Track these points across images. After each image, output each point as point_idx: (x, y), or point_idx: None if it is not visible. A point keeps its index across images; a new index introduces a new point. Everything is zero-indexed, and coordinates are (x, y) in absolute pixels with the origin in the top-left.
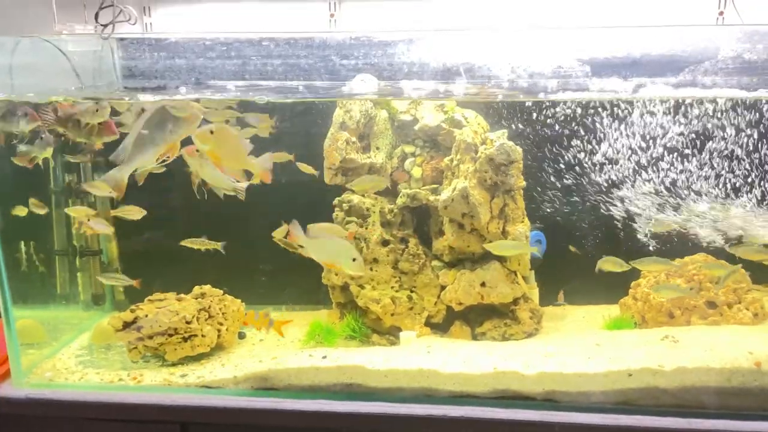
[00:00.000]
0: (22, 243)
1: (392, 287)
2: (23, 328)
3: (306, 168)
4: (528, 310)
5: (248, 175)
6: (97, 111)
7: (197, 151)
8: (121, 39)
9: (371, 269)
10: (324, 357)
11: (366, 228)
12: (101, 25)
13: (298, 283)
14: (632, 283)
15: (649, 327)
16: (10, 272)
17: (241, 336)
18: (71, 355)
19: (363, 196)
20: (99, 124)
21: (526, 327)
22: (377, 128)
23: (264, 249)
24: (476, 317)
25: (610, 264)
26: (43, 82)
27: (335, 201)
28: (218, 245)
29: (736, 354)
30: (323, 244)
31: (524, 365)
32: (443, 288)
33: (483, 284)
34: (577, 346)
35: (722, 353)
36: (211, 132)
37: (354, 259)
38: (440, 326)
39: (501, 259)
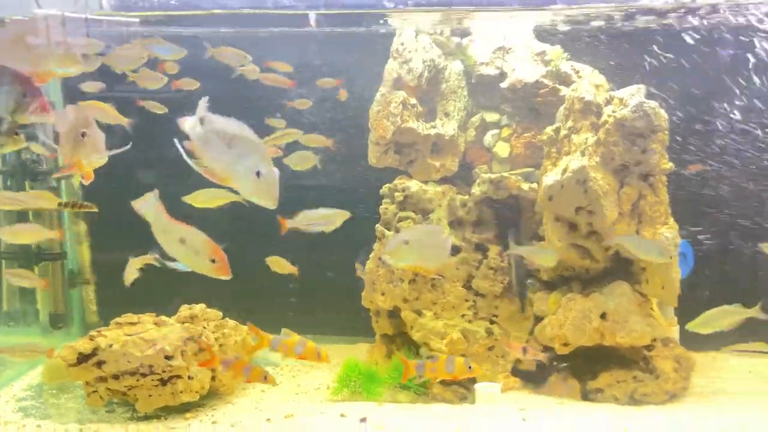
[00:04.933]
0: None
1: (463, 315)
2: None
3: (316, 140)
4: (671, 359)
5: None
6: None
7: None
8: None
9: (433, 287)
10: (363, 420)
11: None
12: None
13: (332, 305)
14: None
15: None
16: None
17: None
18: (11, 398)
19: (425, 183)
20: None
21: (668, 385)
22: (447, 86)
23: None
24: (587, 365)
25: None
26: None
27: (384, 189)
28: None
29: None
30: (178, 231)
31: None
32: (539, 319)
33: (603, 316)
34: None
35: None
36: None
37: (213, 261)
38: (532, 375)
39: (632, 279)
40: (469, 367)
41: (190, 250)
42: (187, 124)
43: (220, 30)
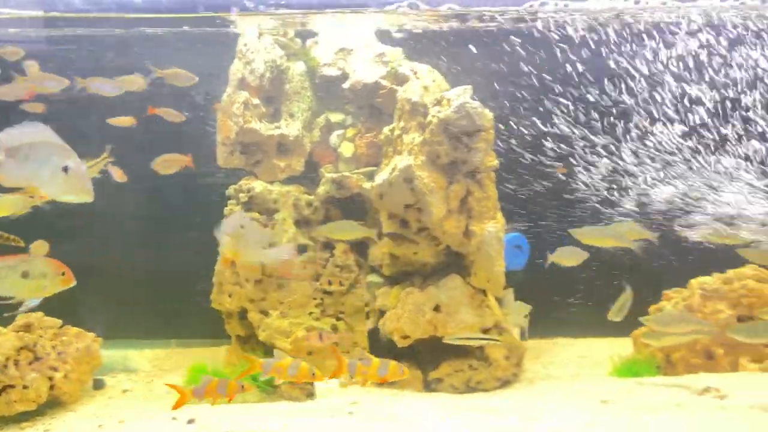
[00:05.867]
0: None
1: (311, 314)
2: None
3: (175, 160)
4: (503, 347)
5: None
6: None
7: None
8: None
9: (279, 287)
10: (191, 421)
11: (273, 227)
12: None
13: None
14: (651, 308)
15: (678, 372)
16: None
17: (98, 385)
18: None
19: (271, 183)
20: None
21: (499, 372)
22: (291, 87)
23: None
24: (430, 356)
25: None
26: None
27: (230, 190)
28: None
29: None
30: (17, 267)
31: None
32: (384, 314)
33: (437, 308)
34: (576, 404)
35: None
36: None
37: (63, 274)
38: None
39: (465, 272)
40: (313, 374)
41: (36, 277)
42: None
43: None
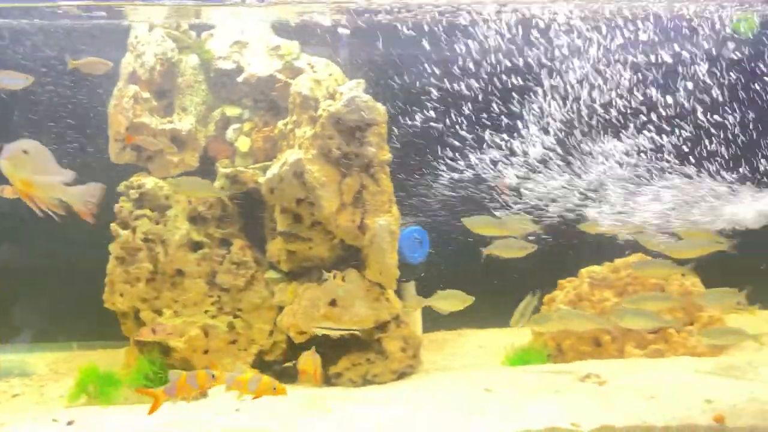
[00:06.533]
0: None
1: (207, 311)
2: None
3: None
4: (399, 339)
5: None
6: None
7: None
8: None
9: (173, 285)
10: (70, 423)
11: (165, 225)
12: None
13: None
14: (545, 298)
15: (567, 360)
16: None
17: None
18: None
19: (164, 179)
20: None
21: (395, 364)
22: (183, 80)
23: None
24: (331, 351)
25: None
26: None
27: (120, 186)
28: None
29: (687, 403)
30: None
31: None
32: (282, 310)
33: (333, 303)
34: (460, 394)
35: (668, 402)
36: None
37: None
38: (279, 365)
39: (361, 267)
40: (213, 376)
41: None
42: None
43: None
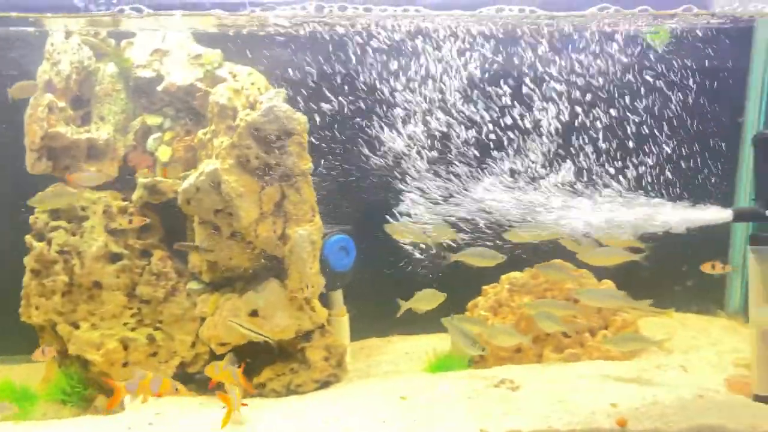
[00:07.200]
0: None
1: (126, 324)
2: None
3: None
4: (323, 349)
5: None
6: None
7: None
8: None
9: (90, 298)
10: None
11: (81, 236)
12: None
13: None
14: (469, 304)
15: (488, 365)
16: None
17: None
18: None
19: (80, 190)
20: None
21: (317, 374)
22: (101, 89)
23: None
24: (255, 362)
25: None
26: None
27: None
28: None
29: (592, 407)
30: None
31: None
32: (204, 321)
33: (254, 313)
34: (376, 402)
35: (575, 406)
36: None
37: None
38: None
39: (283, 276)
40: (176, 389)
41: None
42: None
43: None
